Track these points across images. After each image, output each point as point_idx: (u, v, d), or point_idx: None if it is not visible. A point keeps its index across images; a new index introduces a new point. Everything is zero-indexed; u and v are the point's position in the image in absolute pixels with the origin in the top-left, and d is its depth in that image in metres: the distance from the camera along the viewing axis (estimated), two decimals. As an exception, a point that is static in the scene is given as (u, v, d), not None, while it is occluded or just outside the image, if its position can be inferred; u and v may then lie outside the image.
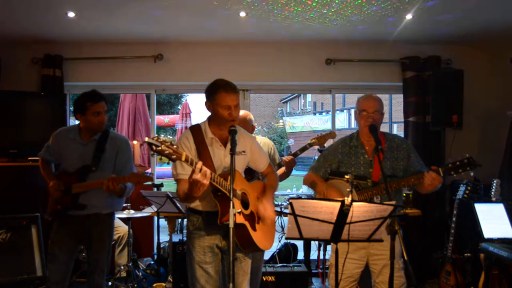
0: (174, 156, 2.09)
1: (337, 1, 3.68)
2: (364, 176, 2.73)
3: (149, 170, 5.61)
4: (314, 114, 25.75)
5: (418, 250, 4.50)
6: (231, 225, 2.07)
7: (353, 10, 3.89)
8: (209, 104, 2.49)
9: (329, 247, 4.77)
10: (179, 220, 5.18)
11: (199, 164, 2.16)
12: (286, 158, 3.49)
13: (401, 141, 2.88)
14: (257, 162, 2.68)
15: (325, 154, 2.95)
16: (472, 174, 2.61)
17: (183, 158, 2.12)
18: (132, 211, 4.14)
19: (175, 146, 2.10)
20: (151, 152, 2.07)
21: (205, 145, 2.48)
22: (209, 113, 2.58)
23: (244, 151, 2.56)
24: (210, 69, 5.01)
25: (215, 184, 2.25)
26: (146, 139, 2.02)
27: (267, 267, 4.02)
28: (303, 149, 3.60)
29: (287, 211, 2.21)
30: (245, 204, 2.48)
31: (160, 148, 2.02)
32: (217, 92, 2.44)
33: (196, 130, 2.53)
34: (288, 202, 2.55)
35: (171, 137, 15.87)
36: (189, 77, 5.09)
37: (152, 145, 2.01)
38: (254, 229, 2.46)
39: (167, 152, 2.05)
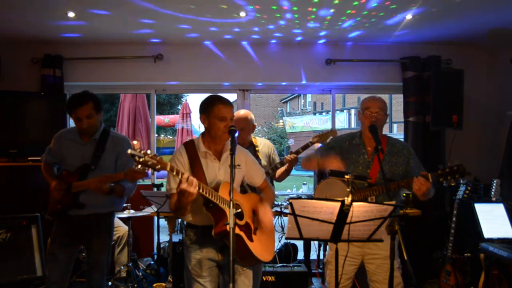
0: (159, 166, 2.09)
1: (337, 1, 3.69)
2: (364, 176, 2.73)
3: (149, 170, 5.61)
4: (314, 114, 25.75)
5: (418, 250, 4.50)
6: (231, 225, 2.07)
7: (353, 10, 3.89)
8: (205, 117, 2.49)
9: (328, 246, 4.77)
10: (179, 220, 5.18)
11: (186, 174, 2.18)
12: (289, 157, 3.50)
13: (402, 147, 2.87)
14: (253, 176, 2.67)
15: (332, 144, 2.95)
16: (462, 181, 2.61)
17: (168, 168, 2.14)
18: (132, 211, 4.15)
19: (158, 157, 2.10)
20: (134, 164, 2.07)
21: (198, 159, 2.48)
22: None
23: (239, 165, 2.53)
24: (210, 69, 5.02)
25: (204, 194, 2.26)
26: (129, 151, 2.02)
27: (267, 267, 4.02)
28: (305, 147, 3.61)
29: (287, 211, 2.21)
30: (239, 215, 2.46)
31: (143, 159, 2.03)
32: (214, 104, 2.46)
33: (189, 145, 2.54)
34: (288, 202, 2.55)
35: (171, 137, 15.87)
36: (189, 77, 5.09)
37: (135, 156, 2.01)
38: (251, 240, 2.45)
39: (150, 162, 2.06)
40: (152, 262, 4.89)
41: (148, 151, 2.07)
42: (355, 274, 2.85)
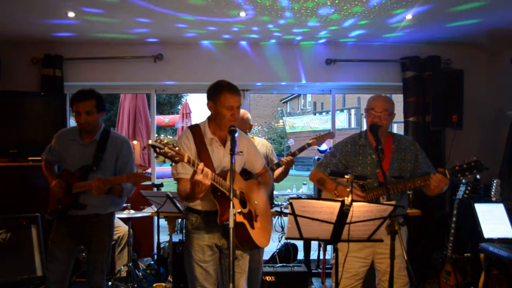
0: (177, 158, 2.11)
1: (337, 1, 3.68)
2: (364, 176, 2.73)
3: (149, 170, 5.61)
4: (314, 114, 25.75)
5: (418, 250, 4.50)
6: (231, 225, 2.08)
7: (354, 10, 3.88)
8: (212, 104, 2.52)
9: (329, 247, 4.76)
10: (179, 220, 5.19)
11: (201, 165, 2.19)
12: (285, 158, 3.49)
13: (409, 143, 2.87)
14: (253, 163, 2.73)
15: (333, 151, 2.94)
16: (478, 177, 2.61)
17: (186, 160, 2.15)
18: (132, 211, 4.14)
19: (177, 148, 2.12)
20: (155, 155, 2.11)
21: (204, 145, 2.50)
22: (209, 114, 2.60)
23: (241, 152, 2.58)
24: (210, 69, 5.02)
25: (215, 184, 2.28)
26: (150, 141, 2.05)
27: (267, 267, 4.02)
28: (302, 149, 3.62)
29: (287, 211, 2.22)
30: (243, 202, 2.50)
31: (163, 150, 2.06)
32: (221, 92, 2.48)
33: (196, 130, 2.55)
34: (288, 202, 2.55)
35: (171, 137, 15.87)
36: (189, 77, 5.09)
37: (155, 147, 2.04)
38: (253, 227, 2.49)
39: (170, 154, 2.08)
40: (152, 262, 4.89)
41: (168, 140, 2.09)
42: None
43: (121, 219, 4.38)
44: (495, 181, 3.75)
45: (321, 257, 4.49)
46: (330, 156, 2.93)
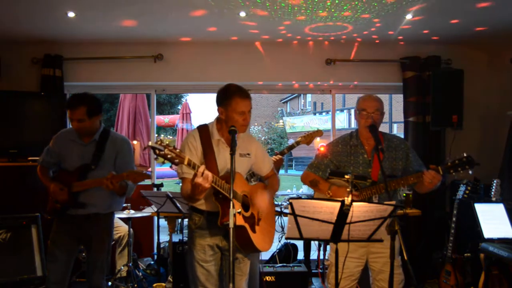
0: (177, 160, 2.11)
1: (337, 1, 3.68)
2: (364, 176, 2.73)
3: (149, 170, 5.61)
4: (314, 114, 25.74)
5: (418, 250, 4.50)
6: (231, 225, 2.08)
7: (354, 9, 3.88)
8: (222, 110, 2.50)
9: (328, 247, 4.77)
10: (179, 220, 5.18)
11: (201, 168, 2.18)
12: (274, 158, 3.49)
13: (399, 141, 2.88)
14: (260, 166, 2.72)
15: (324, 152, 2.94)
16: (471, 172, 2.61)
17: (186, 162, 2.14)
18: (132, 211, 4.14)
19: (178, 150, 2.11)
20: (154, 156, 2.10)
21: (211, 146, 2.50)
22: (211, 115, 2.61)
23: (249, 154, 2.57)
24: (210, 69, 5.02)
25: (216, 187, 2.28)
26: (150, 143, 2.04)
27: (267, 267, 4.02)
28: (291, 147, 3.61)
29: (287, 211, 2.22)
30: (245, 206, 2.49)
31: (163, 152, 2.04)
32: (231, 98, 2.46)
33: (203, 130, 2.55)
34: (288, 202, 2.55)
35: (171, 137, 15.86)
36: (189, 77, 5.09)
37: (155, 149, 2.03)
38: (254, 231, 2.48)
39: (170, 156, 2.07)
40: (152, 262, 4.89)
41: (169, 142, 2.08)
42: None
43: (121, 219, 4.37)
44: (495, 181, 3.75)
45: (321, 257, 4.49)
46: (321, 156, 2.93)
